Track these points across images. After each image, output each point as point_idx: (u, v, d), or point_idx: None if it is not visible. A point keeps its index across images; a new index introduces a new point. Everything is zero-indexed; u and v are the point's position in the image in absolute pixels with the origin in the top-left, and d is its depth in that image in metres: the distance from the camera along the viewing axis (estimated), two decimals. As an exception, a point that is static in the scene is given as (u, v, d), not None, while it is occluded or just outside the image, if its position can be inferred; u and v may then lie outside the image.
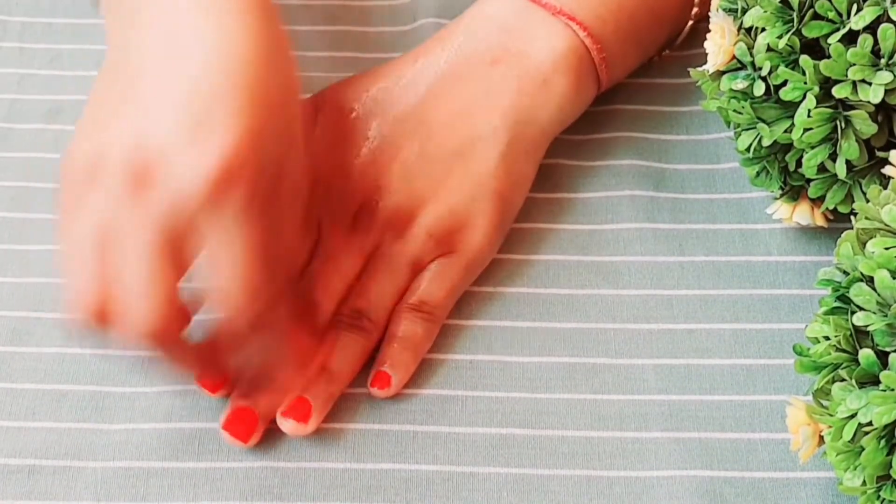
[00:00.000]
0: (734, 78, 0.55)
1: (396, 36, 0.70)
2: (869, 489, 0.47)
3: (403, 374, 0.56)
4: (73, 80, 0.68)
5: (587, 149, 0.64)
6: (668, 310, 0.58)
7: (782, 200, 0.59)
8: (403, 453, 0.54)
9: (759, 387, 0.56)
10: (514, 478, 0.53)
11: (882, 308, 0.46)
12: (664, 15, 0.64)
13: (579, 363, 0.57)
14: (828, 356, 0.48)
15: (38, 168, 0.64)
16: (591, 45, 0.61)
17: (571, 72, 0.61)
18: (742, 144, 0.56)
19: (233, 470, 0.53)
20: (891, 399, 0.45)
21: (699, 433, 0.54)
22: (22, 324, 0.58)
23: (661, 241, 0.61)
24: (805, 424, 0.49)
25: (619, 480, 0.53)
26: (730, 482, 0.53)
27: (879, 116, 0.54)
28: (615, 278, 0.60)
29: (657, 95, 0.67)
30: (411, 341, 0.56)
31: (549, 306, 0.59)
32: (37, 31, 0.71)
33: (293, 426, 0.54)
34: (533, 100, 0.60)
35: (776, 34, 0.53)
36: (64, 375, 0.56)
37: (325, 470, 0.53)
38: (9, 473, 0.53)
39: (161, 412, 0.55)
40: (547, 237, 0.61)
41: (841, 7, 0.52)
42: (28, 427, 0.55)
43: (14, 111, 0.67)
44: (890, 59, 0.52)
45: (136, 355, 0.52)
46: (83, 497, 0.53)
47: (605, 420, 0.55)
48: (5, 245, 0.61)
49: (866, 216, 0.49)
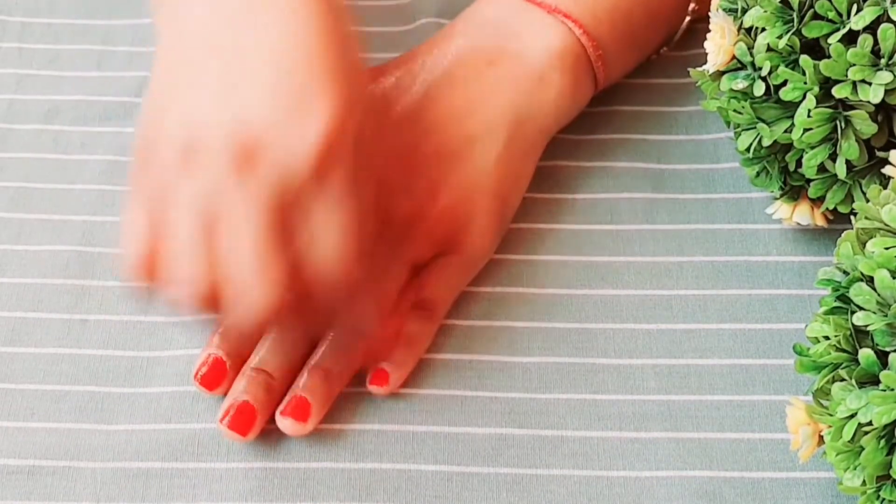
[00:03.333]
0: (734, 78, 0.55)
1: (396, 36, 0.70)
2: (869, 489, 0.47)
3: (402, 371, 0.56)
4: (72, 80, 0.68)
5: (587, 149, 0.64)
6: (668, 310, 0.58)
7: (782, 200, 0.59)
8: (403, 453, 0.54)
9: (758, 387, 0.56)
10: (514, 478, 0.53)
11: (882, 308, 0.46)
12: (660, 13, 0.64)
13: (579, 363, 0.57)
14: (828, 356, 0.48)
15: (37, 168, 0.64)
16: (587, 42, 0.61)
17: (568, 70, 0.61)
18: (742, 144, 0.56)
19: (232, 470, 0.53)
20: (891, 399, 0.45)
21: (698, 433, 0.55)
22: (22, 324, 0.58)
23: (661, 241, 0.61)
24: (805, 424, 0.49)
25: (618, 480, 0.53)
26: (729, 482, 0.53)
27: (879, 116, 0.54)
28: (615, 278, 0.60)
29: (656, 96, 0.67)
30: (410, 339, 0.56)
31: (549, 306, 0.59)
32: (36, 31, 0.71)
33: (292, 425, 0.54)
34: (530, 99, 0.60)
35: (776, 34, 0.53)
36: (63, 375, 0.56)
37: (325, 470, 0.53)
38: (9, 474, 0.53)
39: (161, 412, 0.55)
40: (546, 237, 0.61)
41: (841, 7, 0.52)
42: (28, 427, 0.55)
43: (13, 111, 0.67)
44: (890, 59, 0.52)
45: None
46: (83, 497, 0.53)
47: (605, 420, 0.55)
48: (5, 245, 0.61)
49: (866, 216, 0.49)
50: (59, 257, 0.60)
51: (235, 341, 0.55)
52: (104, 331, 0.58)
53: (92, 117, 0.66)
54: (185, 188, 0.49)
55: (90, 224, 0.62)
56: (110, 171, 0.64)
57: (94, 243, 0.61)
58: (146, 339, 0.57)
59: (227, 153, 0.48)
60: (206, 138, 0.48)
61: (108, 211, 0.62)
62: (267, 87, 0.49)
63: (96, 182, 0.63)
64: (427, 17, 0.70)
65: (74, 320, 0.58)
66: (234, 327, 0.53)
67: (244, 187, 0.48)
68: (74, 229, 0.61)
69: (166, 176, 0.49)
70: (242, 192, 0.48)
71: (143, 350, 0.57)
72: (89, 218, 0.62)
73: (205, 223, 0.48)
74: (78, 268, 0.60)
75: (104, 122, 0.66)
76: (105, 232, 0.61)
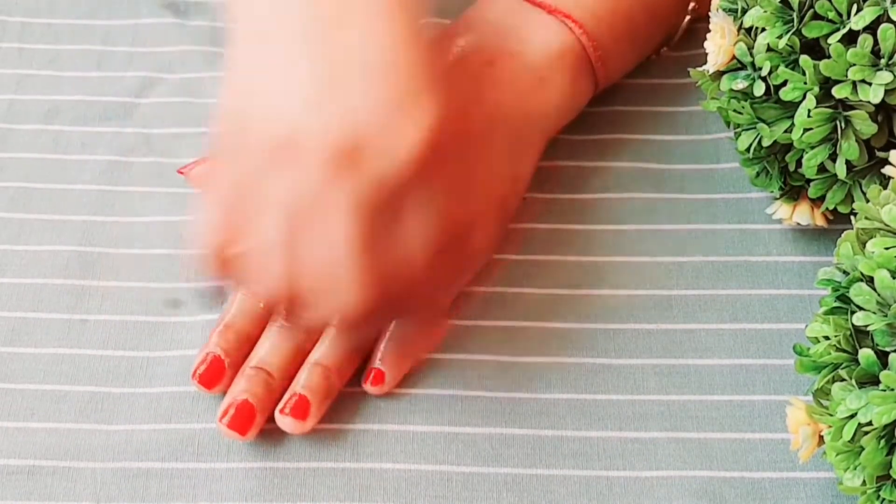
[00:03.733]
0: (734, 78, 0.55)
1: (396, 36, 0.70)
2: (869, 489, 0.47)
3: (397, 371, 0.56)
4: (72, 80, 0.68)
5: (587, 150, 0.64)
6: (668, 310, 0.58)
7: (782, 200, 0.59)
8: (403, 453, 0.54)
9: (758, 387, 0.56)
10: (514, 478, 0.53)
11: (882, 308, 0.46)
12: (660, 12, 0.64)
13: (579, 363, 0.57)
14: (828, 356, 0.48)
15: (37, 168, 0.64)
16: (587, 42, 0.61)
17: (568, 70, 0.61)
18: (742, 144, 0.56)
19: (233, 470, 0.53)
20: (891, 399, 0.45)
21: (698, 433, 0.55)
22: (21, 324, 0.58)
23: (661, 241, 0.61)
24: (805, 424, 0.49)
25: (618, 480, 0.53)
26: (729, 482, 0.53)
27: (879, 116, 0.54)
28: (615, 278, 0.60)
29: (657, 96, 0.67)
30: (407, 339, 0.56)
31: (549, 306, 0.59)
32: (36, 31, 0.71)
33: (292, 423, 0.54)
34: (530, 98, 0.60)
35: (776, 34, 0.53)
36: (63, 376, 0.56)
37: (325, 470, 0.53)
38: (9, 474, 0.53)
39: (161, 412, 0.55)
40: (546, 237, 0.61)
41: (841, 7, 0.52)
42: (28, 427, 0.55)
43: (13, 111, 0.67)
44: (890, 59, 0.52)
45: None
46: (83, 497, 0.53)
47: (605, 420, 0.55)
48: (5, 245, 0.61)
49: (866, 216, 0.49)
50: (59, 257, 0.60)
51: (234, 340, 0.55)
52: (104, 331, 0.58)
53: (92, 117, 0.66)
54: (276, 185, 0.48)
55: (90, 224, 0.62)
56: (110, 171, 0.64)
57: (94, 243, 0.61)
58: (146, 339, 0.57)
59: (326, 152, 0.47)
60: (303, 136, 0.47)
61: (108, 211, 0.62)
62: (369, 88, 0.48)
63: (96, 182, 0.63)
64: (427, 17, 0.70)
65: (74, 320, 0.58)
66: (315, 326, 0.53)
67: (341, 187, 0.47)
68: (74, 229, 0.61)
69: (254, 173, 0.48)
70: (338, 192, 0.47)
71: (143, 350, 0.57)
72: (89, 218, 0.62)
73: (294, 222, 0.48)
74: (78, 268, 0.60)
75: (104, 122, 0.66)
76: (105, 232, 0.61)
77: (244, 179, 0.48)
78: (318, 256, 0.48)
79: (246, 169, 0.48)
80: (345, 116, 0.47)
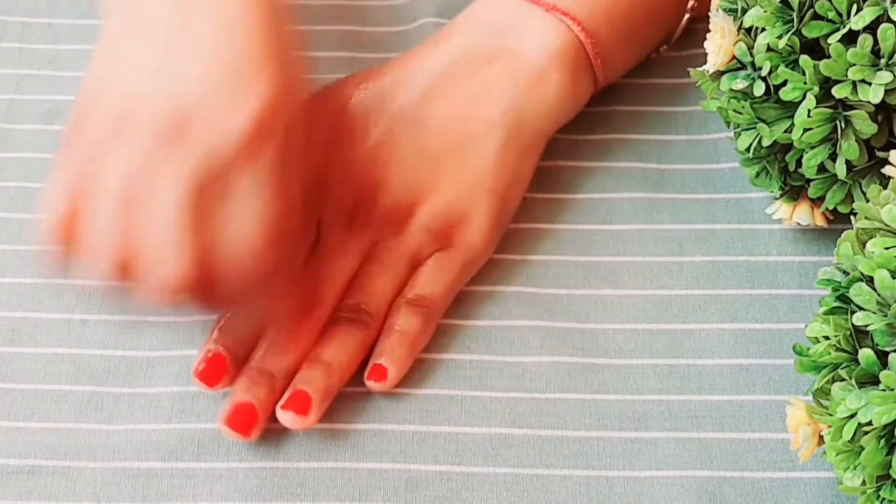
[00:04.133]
0: (734, 78, 0.55)
1: (396, 36, 0.70)
2: (868, 489, 0.47)
3: (400, 367, 0.56)
4: (72, 80, 0.68)
5: (586, 149, 0.64)
6: (668, 310, 0.58)
7: (782, 200, 0.59)
8: (403, 453, 0.54)
9: (758, 387, 0.56)
10: (514, 478, 0.53)
11: (882, 308, 0.46)
12: (659, 10, 0.64)
13: (579, 363, 0.57)
14: (828, 356, 0.48)
15: (37, 168, 0.64)
16: (586, 40, 0.61)
17: (567, 68, 0.61)
18: (742, 144, 0.56)
19: (233, 470, 0.53)
20: (890, 399, 0.45)
21: (698, 433, 0.55)
22: (22, 324, 0.58)
23: (661, 241, 0.61)
24: (805, 424, 0.49)
25: (618, 480, 0.53)
26: (729, 482, 0.53)
27: (879, 116, 0.54)
28: (615, 278, 0.60)
29: (656, 96, 0.67)
30: (408, 335, 0.56)
31: (549, 306, 0.59)
32: (36, 31, 0.71)
33: (293, 419, 0.54)
34: (529, 96, 0.60)
35: (776, 34, 0.53)
36: (63, 376, 0.56)
37: (325, 470, 0.53)
38: (9, 473, 0.53)
39: (161, 412, 0.55)
40: (546, 237, 0.61)
41: (841, 7, 0.52)
42: (28, 427, 0.55)
43: (13, 112, 0.67)
44: (890, 59, 0.52)
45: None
46: (83, 497, 0.53)
47: (605, 420, 0.55)
48: (4, 245, 0.61)
49: (866, 216, 0.49)
50: (58, 257, 0.60)
51: (236, 337, 0.55)
52: (104, 331, 0.58)
53: (92, 117, 0.66)
54: (113, 157, 0.49)
55: (90, 224, 0.62)
56: (110, 171, 0.64)
57: (93, 243, 0.61)
58: (146, 339, 0.57)
59: (157, 125, 0.49)
60: (138, 110, 0.49)
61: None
62: (203, 64, 0.50)
63: (96, 182, 0.63)
64: (427, 17, 0.70)
65: (74, 320, 0.58)
66: (142, 300, 0.52)
67: (170, 160, 0.49)
68: (74, 229, 0.61)
69: (96, 145, 0.50)
70: (168, 165, 0.49)
71: (143, 350, 0.57)
72: (89, 218, 0.62)
73: (128, 192, 0.49)
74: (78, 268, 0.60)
75: (104, 122, 0.66)
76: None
77: (88, 151, 0.50)
78: (146, 228, 0.49)
79: (91, 141, 0.50)
80: (177, 91, 0.49)
